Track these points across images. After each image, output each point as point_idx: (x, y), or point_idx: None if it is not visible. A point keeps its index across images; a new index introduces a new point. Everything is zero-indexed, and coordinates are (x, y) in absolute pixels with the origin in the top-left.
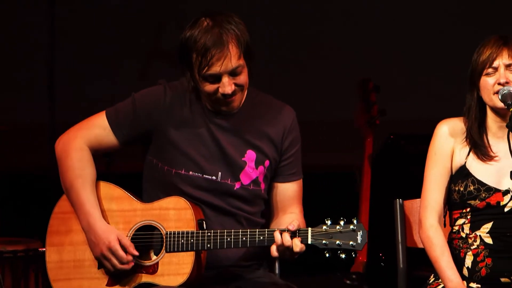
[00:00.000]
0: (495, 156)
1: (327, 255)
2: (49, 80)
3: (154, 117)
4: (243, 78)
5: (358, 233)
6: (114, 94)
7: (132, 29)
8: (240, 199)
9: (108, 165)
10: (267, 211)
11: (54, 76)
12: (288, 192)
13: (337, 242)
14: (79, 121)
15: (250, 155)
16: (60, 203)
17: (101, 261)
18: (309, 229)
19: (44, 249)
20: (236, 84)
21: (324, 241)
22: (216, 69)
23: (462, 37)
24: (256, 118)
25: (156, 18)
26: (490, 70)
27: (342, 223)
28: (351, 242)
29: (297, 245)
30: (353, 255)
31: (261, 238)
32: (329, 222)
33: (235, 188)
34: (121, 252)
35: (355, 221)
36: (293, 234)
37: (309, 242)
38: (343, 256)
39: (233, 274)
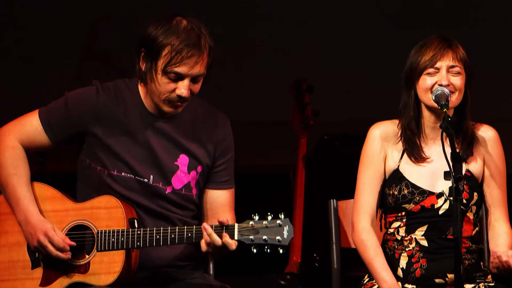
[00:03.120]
0: (427, 158)
1: (254, 250)
2: None
3: (86, 118)
4: (198, 88)
5: (285, 228)
6: (48, 94)
7: (66, 29)
8: (171, 203)
9: (42, 165)
10: (199, 218)
11: None
12: (220, 199)
13: (264, 237)
14: (11, 120)
15: (183, 160)
16: None
17: (39, 250)
18: (236, 224)
19: None
20: (191, 91)
21: (251, 237)
22: (185, 69)
23: (395, 38)
24: (190, 123)
25: (90, 18)
26: (431, 70)
27: (269, 218)
28: (277, 237)
29: (228, 242)
30: (280, 251)
31: (189, 235)
32: (256, 218)
33: (166, 192)
34: (57, 238)
35: (282, 216)
36: (221, 229)
37: (236, 238)
38: (269, 251)
39: (167, 275)
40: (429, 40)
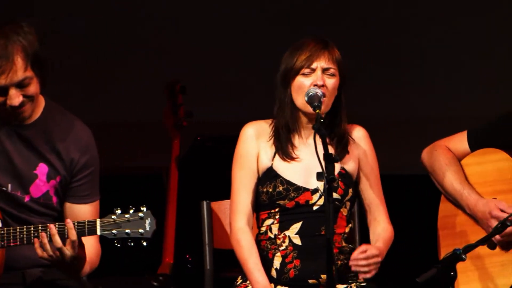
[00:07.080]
0: (296, 157)
1: (117, 245)
2: None
3: None
4: (32, 89)
5: (146, 220)
6: None
7: None
8: (31, 211)
9: None
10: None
11: None
12: (82, 213)
13: (126, 230)
14: None
15: (42, 169)
16: None
17: None
18: (98, 219)
19: None
20: (24, 96)
21: (113, 231)
22: (1, 81)
23: (271, 37)
24: (51, 132)
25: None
26: (307, 70)
27: (131, 211)
28: (139, 230)
29: (57, 241)
30: (144, 244)
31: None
32: (118, 212)
33: (25, 201)
34: None
35: (143, 209)
36: (83, 226)
37: (98, 233)
38: (132, 244)
39: (37, 276)
40: (305, 41)
